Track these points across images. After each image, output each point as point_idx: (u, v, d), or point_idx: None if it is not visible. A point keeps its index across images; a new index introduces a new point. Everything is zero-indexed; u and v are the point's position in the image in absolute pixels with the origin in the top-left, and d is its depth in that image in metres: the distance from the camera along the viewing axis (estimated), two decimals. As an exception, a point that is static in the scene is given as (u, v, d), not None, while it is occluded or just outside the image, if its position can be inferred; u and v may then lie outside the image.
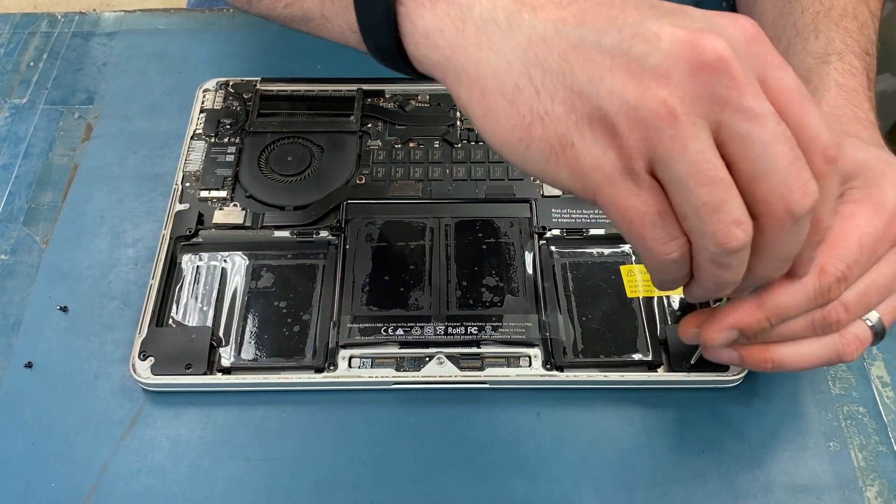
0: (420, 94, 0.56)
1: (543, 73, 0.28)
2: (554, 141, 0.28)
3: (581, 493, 0.40)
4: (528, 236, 0.48)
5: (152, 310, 0.44)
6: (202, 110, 0.55)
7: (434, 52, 0.30)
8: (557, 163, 0.29)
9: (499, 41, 0.29)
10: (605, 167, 0.28)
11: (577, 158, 0.28)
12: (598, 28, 0.28)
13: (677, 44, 0.27)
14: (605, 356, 0.43)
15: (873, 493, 0.40)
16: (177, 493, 0.40)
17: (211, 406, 0.43)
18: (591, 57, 0.28)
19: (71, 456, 0.41)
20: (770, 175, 0.27)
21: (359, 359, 0.43)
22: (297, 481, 0.41)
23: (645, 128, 0.27)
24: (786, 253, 0.30)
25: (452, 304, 0.45)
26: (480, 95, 0.29)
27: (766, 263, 0.30)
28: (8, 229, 0.50)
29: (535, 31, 0.29)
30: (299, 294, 0.46)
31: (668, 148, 0.27)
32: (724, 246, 0.28)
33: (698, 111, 0.27)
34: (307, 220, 0.49)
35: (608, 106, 0.27)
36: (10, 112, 0.57)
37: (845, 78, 0.44)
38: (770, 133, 0.27)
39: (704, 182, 0.27)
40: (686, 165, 0.27)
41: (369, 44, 0.33)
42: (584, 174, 0.28)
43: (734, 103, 0.27)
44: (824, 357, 0.36)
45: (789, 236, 0.29)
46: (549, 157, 0.29)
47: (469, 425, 0.42)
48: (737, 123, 0.27)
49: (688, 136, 0.27)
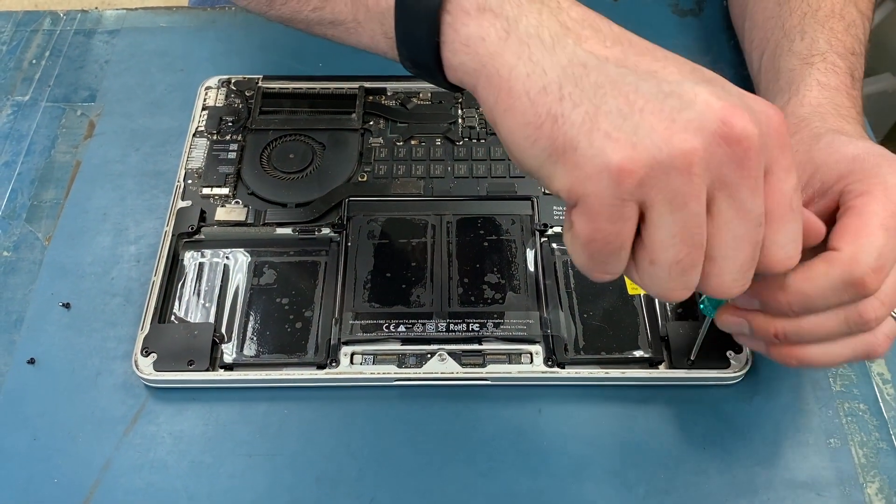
0: (422, 92, 0.56)
1: (575, 87, 0.29)
2: (559, 141, 0.29)
3: (582, 489, 0.40)
4: (530, 233, 0.48)
5: (154, 306, 0.45)
6: (204, 108, 0.55)
7: (472, 60, 0.31)
8: (557, 161, 0.29)
9: (539, 55, 0.29)
10: (602, 182, 0.28)
11: (578, 162, 0.28)
12: (639, 74, 0.29)
13: (712, 110, 0.27)
14: (606, 353, 0.43)
15: (874, 489, 0.40)
16: (179, 488, 0.40)
17: (213, 402, 0.43)
18: (627, 94, 0.28)
19: (73, 452, 0.41)
20: (724, 264, 0.30)
21: (360, 355, 0.43)
22: (299, 477, 0.41)
23: (659, 168, 0.27)
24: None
25: (454, 301, 0.45)
26: (507, 94, 0.30)
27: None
28: (11, 226, 0.50)
29: (578, 57, 0.29)
30: (301, 291, 0.46)
31: (671, 198, 0.28)
32: (668, 299, 0.31)
33: (707, 178, 0.28)
34: (309, 218, 0.49)
35: (632, 134, 0.28)
36: (12, 109, 0.57)
37: (827, 77, 0.44)
38: (745, 232, 0.29)
39: (689, 243, 0.29)
40: (681, 222, 0.28)
41: (403, 51, 0.34)
42: (578, 181, 0.28)
43: (734, 189, 0.28)
44: (854, 355, 0.36)
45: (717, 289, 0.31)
46: (550, 153, 0.29)
47: (470, 422, 0.42)
48: (726, 208, 0.28)
49: (693, 194, 0.28)
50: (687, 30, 0.62)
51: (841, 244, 0.33)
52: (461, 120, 0.54)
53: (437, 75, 0.33)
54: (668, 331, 0.44)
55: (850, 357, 0.36)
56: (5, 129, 0.56)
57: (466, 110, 0.55)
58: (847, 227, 0.34)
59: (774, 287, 0.34)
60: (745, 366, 0.43)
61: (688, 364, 0.43)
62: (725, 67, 0.59)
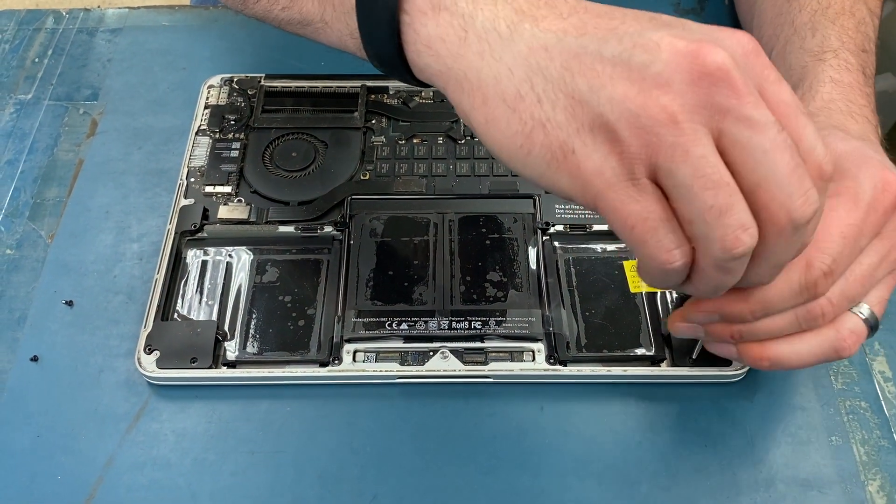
0: (424, 91, 0.56)
1: (545, 81, 0.28)
2: (555, 147, 0.29)
3: (584, 486, 0.40)
4: (532, 232, 0.48)
5: (157, 304, 0.45)
6: (206, 106, 0.55)
7: (436, 62, 0.31)
8: (558, 169, 0.29)
9: (500, 49, 0.29)
10: (606, 173, 0.28)
11: (579, 165, 0.28)
12: (599, 38, 0.28)
13: (678, 54, 0.27)
14: (608, 351, 0.43)
15: (875, 487, 0.41)
16: (182, 486, 0.40)
17: (216, 400, 0.43)
18: (593, 66, 0.28)
19: (76, 449, 0.41)
20: (772, 183, 0.28)
21: (363, 353, 0.43)
22: (302, 475, 0.41)
23: (646, 134, 0.27)
24: (781, 259, 0.30)
25: (456, 299, 0.45)
26: (482, 103, 0.30)
27: (760, 269, 0.30)
28: (13, 224, 0.51)
29: (537, 40, 0.29)
30: (304, 289, 0.46)
31: (670, 154, 0.27)
32: (731, 251, 0.28)
33: (699, 119, 0.27)
34: (311, 216, 0.49)
35: (609, 113, 0.27)
36: (15, 108, 0.57)
37: (840, 74, 0.44)
38: (771, 141, 0.27)
39: (709, 186, 0.27)
40: (690, 170, 0.27)
41: (370, 51, 0.34)
42: (586, 180, 0.28)
43: (735, 112, 0.27)
44: (821, 353, 0.36)
45: (788, 244, 0.29)
46: (549, 163, 0.29)
47: (473, 419, 0.43)
48: (738, 131, 0.27)
49: (690, 141, 0.27)
50: (688, 29, 0.62)
51: None
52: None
53: (406, 75, 0.33)
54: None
55: (820, 356, 0.36)
56: (8, 128, 0.56)
57: (468, 109, 0.55)
58: None
59: (736, 300, 0.34)
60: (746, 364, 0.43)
61: (689, 362, 0.43)
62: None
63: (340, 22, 0.35)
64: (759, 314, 0.35)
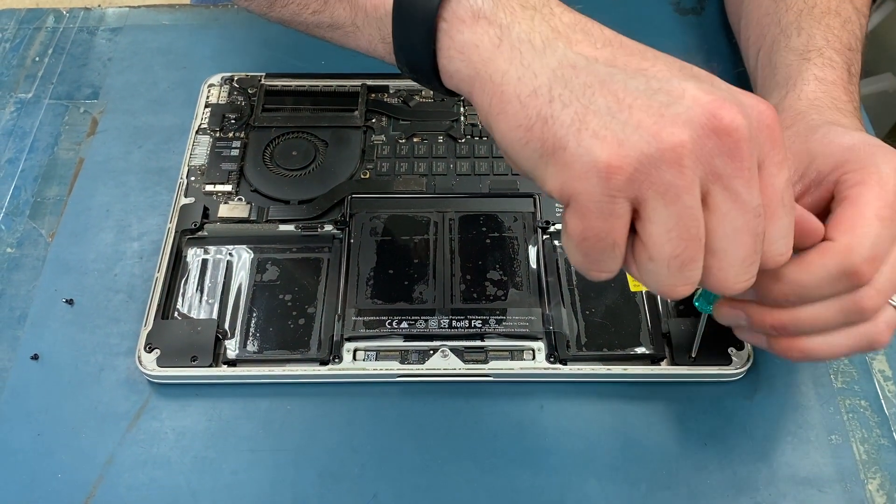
0: (424, 90, 0.56)
1: (564, 88, 0.29)
2: (549, 141, 0.29)
3: (584, 485, 0.40)
4: (532, 231, 0.48)
5: (158, 302, 0.45)
6: (207, 105, 0.55)
7: (466, 66, 0.32)
8: (548, 161, 0.29)
9: (530, 59, 0.30)
10: (591, 180, 0.28)
11: (567, 162, 0.29)
12: (628, 72, 0.29)
13: (699, 104, 0.28)
14: (608, 350, 0.43)
15: (875, 485, 0.41)
16: (182, 484, 0.40)
17: (216, 398, 0.43)
18: (616, 92, 0.28)
19: (77, 447, 0.42)
20: (725, 257, 0.29)
21: (363, 352, 0.43)
22: (302, 473, 0.41)
23: (648, 163, 0.27)
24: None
25: (456, 298, 0.45)
26: (499, 99, 0.30)
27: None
28: (14, 223, 0.51)
29: (567, 59, 0.30)
30: (304, 287, 0.46)
31: (663, 192, 0.28)
32: (671, 295, 0.30)
33: (699, 170, 0.28)
34: (312, 215, 0.49)
35: (620, 129, 0.28)
36: (15, 107, 0.57)
37: (824, 72, 0.44)
38: (745, 222, 0.29)
39: (685, 237, 0.28)
40: (675, 215, 0.28)
41: (400, 56, 0.34)
42: (569, 180, 0.29)
43: (727, 181, 0.28)
44: (856, 346, 0.36)
45: (713, 289, 0.31)
46: (542, 154, 0.29)
47: (473, 418, 0.43)
48: (722, 200, 0.28)
49: (685, 187, 0.28)
50: (688, 29, 0.62)
51: (836, 234, 0.33)
52: (463, 117, 0.55)
53: (434, 81, 0.34)
54: (670, 327, 0.44)
55: (853, 348, 0.36)
56: (9, 127, 0.56)
57: (469, 108, 0.55)
58: (842, 218, 0.34)
59: (770, 278, 0.34)
60: (746, 362, 0.43)
61: (689, 361, 0.43)
62: (726, 66, 0.59)
63: (371, 27, 0.36)
64: (793, 297, 0.34)
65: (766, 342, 0.38)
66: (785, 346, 0.37)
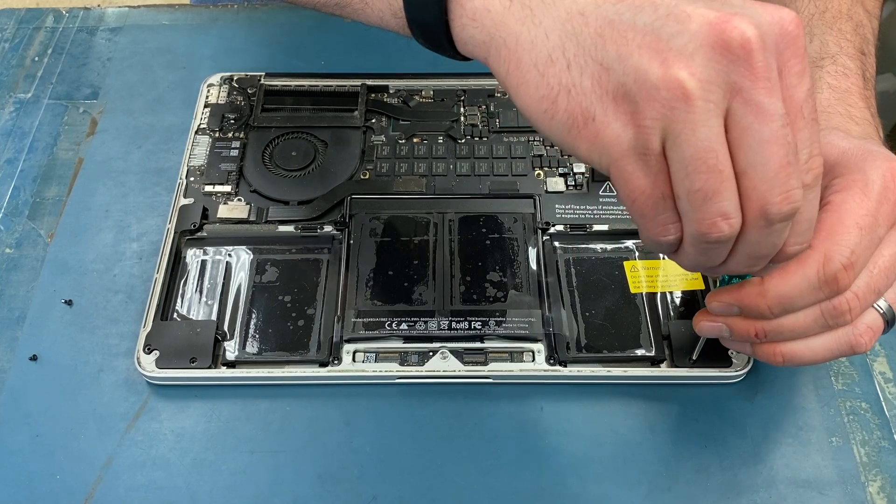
0: (424, 90, 0.56)
1: (577, 47, 0.29)
2: (577, 113, 0.29)
3: (584, 487, 0.40)
4: (532, 232, 0.48)
5: (157, 303, 0.45)
6: (206, 105, 0.55)
7: (480, 32, 0.32)
8: (579, 135, 0.29)
9: (541, 13, 0.30)
10: (623, 144, 0.28)
11: (597, 132, 0.29)
12: (636, 7, 0.28)
13: (705, 24, 0.27)
14: (608, 351, 0.43)
15: (875, 488, 0.41)
16: (181, 485, 0.40)
17: (215, 399, 0.43)
18: (625, 33, 0.28)
19: (75, 449, 0.41)
20: (759, 173, 0.28)
21: (363, 353, 0.43)
22: (301, 475, 0.41)
23: (662, 107, 0.27)
24: (756, 252, 0.30)
25: (456, 299, 0.45)
26: (516, 67, 0.30)
27: (735, 258, 0.31)
28: (13, 223, 0.50)
29: (576, 6, 0.29)
30: (303, 288, 0.46)
31: (678, 129, 0.27)
32: (706, 236, 0.29)
33: (714, 96, 0.27)
34: (311, 215, 0.49)
35: (632, 83, 0.28)
36: (14, 107, 0.57)
37: (838, 80, 0.44)
38: (770, 132, 0.27)
39: (703, 169, 0.28)
40: (690, 150, 0.28)
41: (414, 28, 0.34)
42: (602, 148, 0.29)
43: (746, 93, 0.27)
44: (837, 350, 0.36)
45: (760, 238, 0.30)
46: (571, 128, 0.29)
47: (473, 420, 0.43)
48: (744, 115, 0.27)
49: (699, 120, 0.27)
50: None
51: (816, 242, 0.33)
52: (463, 118, 0.54)
53: (451, 50, 0.34)
54: (670, 329, 0.44)
55: (835, 351, 0.36)
56: (8, 127, 0.56)
57: (469, 108, 0.55)
58: (822, 225, 0.33)
59: (753, 294, 0.34)
60: (746, 364, 0.43)
61: (689, 363, 0.43)
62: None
63: (382, 2, 0.36)
64: (777, 310, 0.34)
65: (750, 348, 0.38)
66: (769, 352, 0.37)
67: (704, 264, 0.31)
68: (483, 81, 0.56)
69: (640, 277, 0.46)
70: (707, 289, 0.45)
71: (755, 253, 0.31)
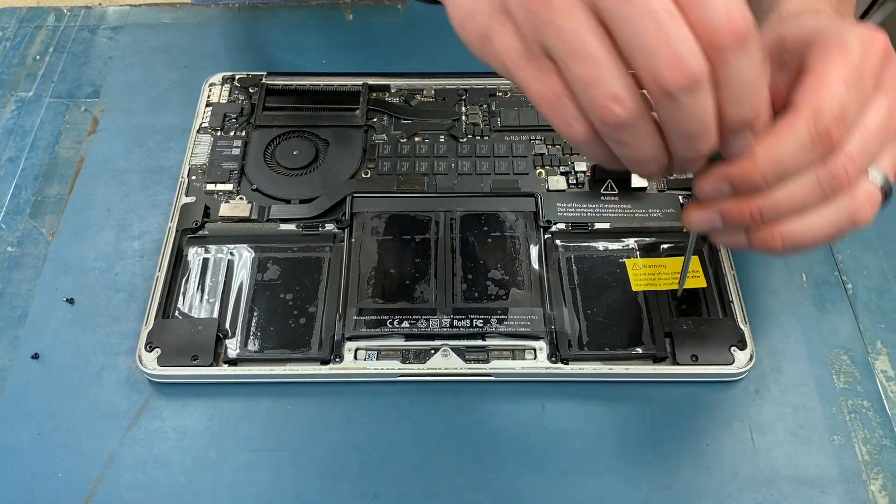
0: (425, 89, 0.56)
1: None
2: (481, 33, 0.31)
3: (585, 485, 0.40)
4: (534, 230, 0.48)
5: (158, 302, 0.45)
6: (208, 104, 0.55)
7: None
8: (486, 53, 0.31)
9: None
10: (513, 53, 0.30)
11: (495, 49, 0.31)
12: None
13: None
14: (609, 349, 0.43)
15: (877, 486, 0.41)
16: (183, 483, 0.40)
17: (217, 397, 0.43)
18: None
19: (77, 447, 0.41)
20: (637, 50, 0.27)
21: (364, 351, 0.43)
22: (303, 472, 0.41)
23: (531, 14, 0.29)
24: (684, 130, 0.29)
25: (458, 297, 0.45)
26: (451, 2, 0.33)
27: (672, 141, 0.30)
28: (14, 222, 0.50)
29: None
30: (305, 286, 0.46)
31: (547, 30, 0.29)
32: (605, 122, 0.29)
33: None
34: (313, 214, 0.49)
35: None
36: (16, 105, 0.57)
37: None
38: (634, 8, 0.27)
39: (578, 59, 0.28)
40: (562, 44, 0.28)
41: None
42: (502, 62, 0.31)
43: None
44: (837, 224, 0.34)
45: (675, 114, 0.29)
46: (481, 48, 0.31)
47: (474, 417, 0.43)
48: (603, 1, 0.28)
49: (561, 17, 0.28)
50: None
51: (801, 101, 0.32)
52: (465, 117, 0.54)
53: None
54: (672, 327, 0.44)
55: (835, 226, 0.34)
56: (9, 125, 0.56)
57: (470, 107, 0.55)
58: (807, 85, 0.32)
59: (745, 164, 0.33)
60: (748, 362, 0.43)
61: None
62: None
63: None
64: (771, 176, 0.33)
65: (745, 239, 0.35)
66: (766, 237, 0.35)
67: (635, 156, 0.31)
68: (484, 81, 0.56)
69: (642, 275, 0.46)
70: (709, 286, 0.45)
71: (683, 131, 0.29)
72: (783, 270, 0.48)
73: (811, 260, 0.49)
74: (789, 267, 0.49)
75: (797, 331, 0.46)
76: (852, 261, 0.49)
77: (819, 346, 0.45)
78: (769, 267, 0.48)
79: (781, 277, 0.48)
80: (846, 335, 0.46)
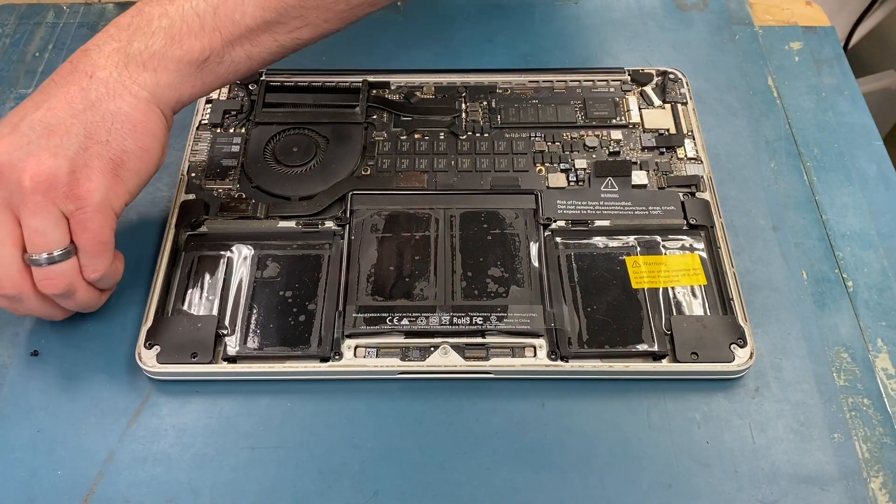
0: (425, 86, 0.56)
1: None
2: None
3: (585, 482, 0.40)
4: (534, 227, 0.48)
5: (158, 299, 0.45)
6: (208, 101, 0.55)
7: None
8: None
9: None
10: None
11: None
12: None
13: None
14: (609, 346, 0.43)
15: (877, 484, 0.40)
16: (182, 481, 0.40)
17: (216, 395, 0.43)
18: None
19: (77, 444, 0.41)
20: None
21: (364, 348, 0.43)
22: (303, 470, 0.41)
23: None
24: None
25: (458, 295, 0.45)
26: None
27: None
28: (14, 219, 0.50)
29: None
30: (305, 284, 0.46)
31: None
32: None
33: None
34: (312, 211, 0.49)
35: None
36: (15, 102, 0.57)
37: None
38: None
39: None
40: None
41: None
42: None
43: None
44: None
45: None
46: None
47: (474, 415, 0.42)
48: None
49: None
50: (690, 24, 0.62)
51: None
52: (465, 114, 0.54)
53: None
54: (672, 325, 0.44)
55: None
56: (8, 122, 0.55)
57: (470, 104, 0.55)
58: None
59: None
60: (748, 360, 0.43)
61: (692, 359, 0.43)
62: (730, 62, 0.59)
63: None
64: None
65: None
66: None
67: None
68: (485, 77, 0.56)
69: (642, 273, 0.46)
70: (709, 284, 0.45)
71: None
72: (784, 268, 0.48)
73: (812, 257, 0.49)
74: (790, 265, 0.48)
75: (797, 328, 0.46)
76: (853, 258, 0.49)
77: (819, 343, 0.45)
78: (769, 265, 0.48)
79: (782, 275, 0.48)
80: (847, 333, 0.46)
